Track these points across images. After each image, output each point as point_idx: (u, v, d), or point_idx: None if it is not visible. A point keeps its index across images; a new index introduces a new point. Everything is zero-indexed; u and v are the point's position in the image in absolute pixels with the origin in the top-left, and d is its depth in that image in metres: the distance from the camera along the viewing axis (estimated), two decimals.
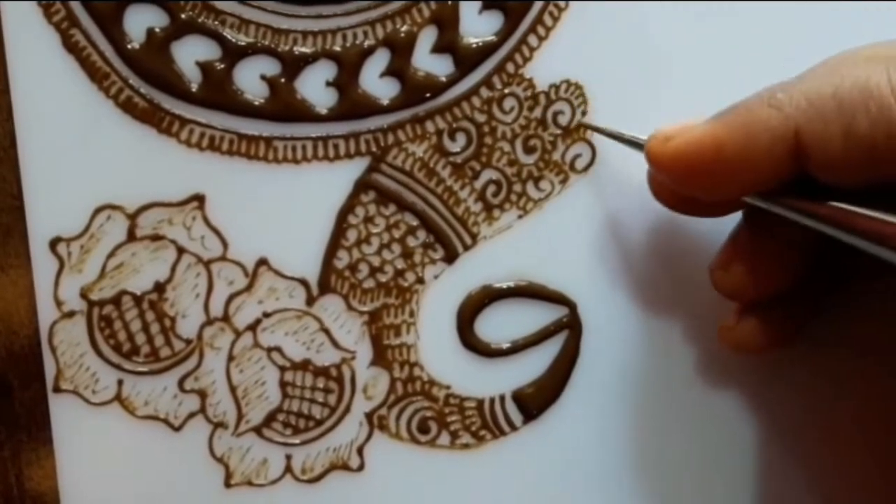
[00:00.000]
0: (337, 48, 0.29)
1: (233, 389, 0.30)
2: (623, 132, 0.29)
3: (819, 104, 0.24)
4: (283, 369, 0.30)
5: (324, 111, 0.29)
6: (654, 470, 0.31)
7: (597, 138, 0.30)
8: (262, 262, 0.30)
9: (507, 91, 0.29)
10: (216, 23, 0.28)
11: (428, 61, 0.29)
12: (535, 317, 0.31)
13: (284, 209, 0.29)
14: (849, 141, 0.23)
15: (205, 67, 0.28)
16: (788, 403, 0.31)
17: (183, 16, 0.28)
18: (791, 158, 0.24)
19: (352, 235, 0.30)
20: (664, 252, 0.31)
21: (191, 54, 0.28)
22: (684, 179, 0.26)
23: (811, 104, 0.24)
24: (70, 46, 0.28)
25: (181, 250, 0.29)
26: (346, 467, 0.31)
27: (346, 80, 0.29)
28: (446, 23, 0.29)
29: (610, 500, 0.31)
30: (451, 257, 0.30)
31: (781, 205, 0.25)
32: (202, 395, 0.30)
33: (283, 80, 0.29)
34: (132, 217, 0.29)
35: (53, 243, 0.29)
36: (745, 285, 0.28)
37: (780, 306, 0.28)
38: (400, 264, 0.30)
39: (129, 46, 0.28)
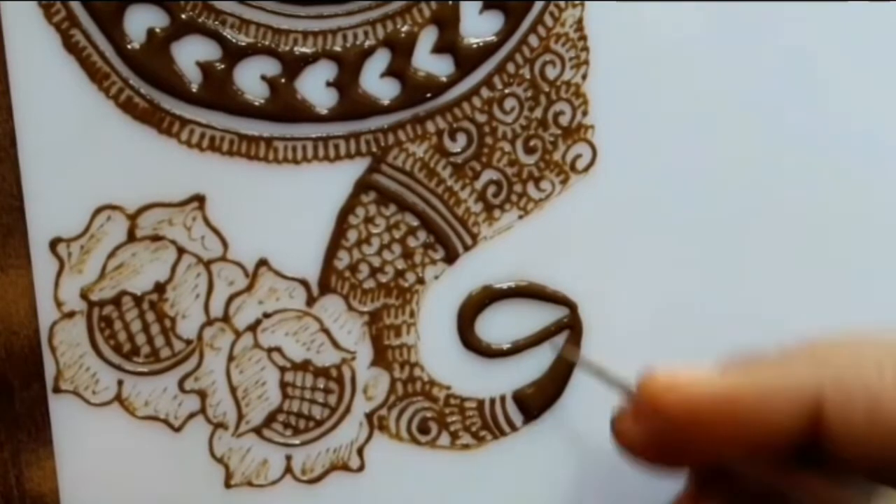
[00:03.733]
0: (337, 48, 0.29)
1: (233, 390, 0.30)
2: (609, 371, 0.28)
3: (845, 376, 0.22)
4: (283, 370, 0.30)
5: (324, 111, 0.29)
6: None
7: (598, 139, 0.30)
8: (263, 262, 0.30)
9: (507, 91, 0.29)
10: (216, 23, 0.28)
11: (428, 61, 0.29)
12: (536, 317, 0.31)
13: (285, 209, 0.29)
14: (871, 424, 0.22)
15: (205, 68, 0.28)
16: None
17: (183, 16, 0.28)
18: (807, 429, 0.22)
19: (352, 236, 0.30)
20: (665, 252, 0.31)
21: (191, 54, 0.28)
22: (688, 435, 0.24)
23: (838, 381, 0.22)
24: (70, 46, 0.28)
25: (181, 251, 0.29)
26: (346, 468, 0.31)
27: (346, 81, 0.29)
28: (447, 23, 0.29)
29: (610, 499, 0.31)
30: (451, 258, 0.30)
31: (791, 482, 0.24)
32: (202, 395, 0.30)
33: (283, 80, 0.29)
34: (132, 217, 0.29)
35: (53, 244, 0.29)
36: None
37: None
38: (400, 265, 0.30)
39: (129, 46, 0.28)
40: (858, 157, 0.31)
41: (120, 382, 0.30)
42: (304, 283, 0.30)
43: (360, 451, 0.31)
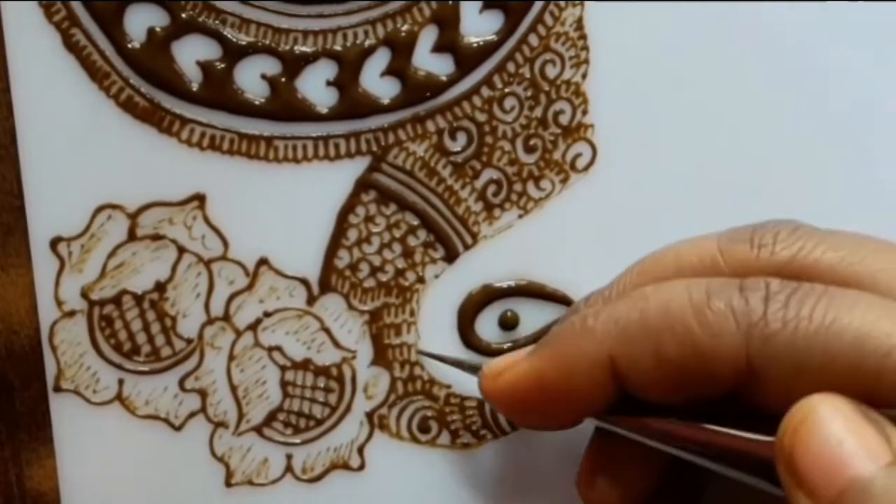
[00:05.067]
0: (337, 47, 0.29)
1: (233, 389, 0.30)
2: (463, 359, 0.30)
3: (627, 329, 0.24)
4: (283, 369, 0.30)
5: (324, 110, 0.29)
6: None
7: (598, 139, 0.30)
8: (263, 261, 0.30)
9: (507, 90, 0.29)
10: (217, 22, 0.28)
11: (429, 61, 0.29)
12: (536, 316, 0.31)
13: (285, 208, 0.29)
14: (659, 363, 0.24)
15: (205, 67, 0.28)
16: None
17: (183, 15, 0.28)
18: (611, 381, 0.25)
19: (352, 235, 0.30)
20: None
21: (191, 54, 0.28)
22: (517, 414, 0.27)
23: (620, 329, 0.24)
24: (70, 46, 0.28)
25: (182, 250, 0.29)
26: (346, 467, 0.31)
27: (346, 80, 0.29)
28: (447, 22, 0.29)
29: None
30: (451, 257, 0.30)
31: (612, 423, 0.26)
32: (203, 394, 0.30)
33: (283, 79, 0.29)
34: (133, 216, 0.29)
35: (54, 243, 0.29)
36: (613, 497, 0.27)
37: None
38: (400, 264, 0.30)
39: (129, 46, 0.28)
40: (860, 157, 0.31)
41: (120, 381, 0.30)
42: (305, 282, 0.30)
43: (360, 450, 0.31)
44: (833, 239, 0.25)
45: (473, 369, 0.29)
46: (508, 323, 0.31)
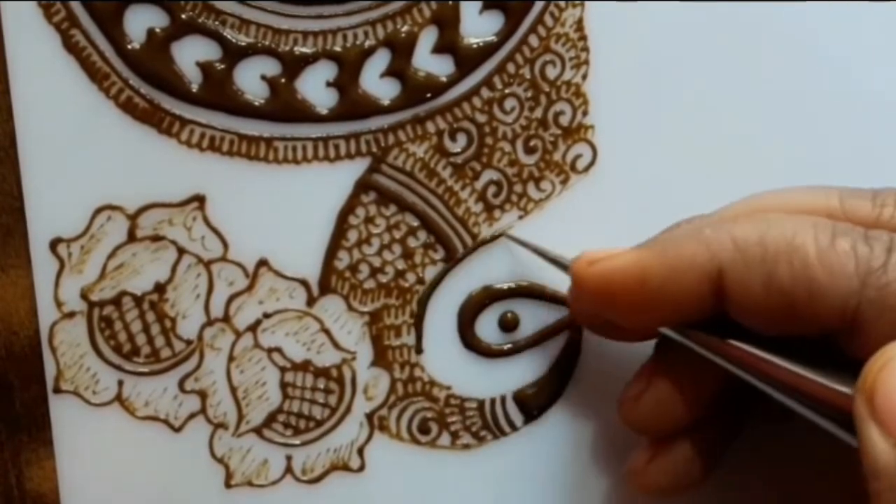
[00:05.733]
0: (337, 48, 0.29)
1: (233, 390, 0.30)
2: (548, 250, 0.29)
3: (745, 249, 0.24)
4: (283, 370, 0.30)
5: (324, 111, 0.29)
6: None
7: (598, 139, 0.30)
8: (263, 262, 0.30)
9: (507, 91, 0.29)
10: (216, 23, 0.28)
11: (428, 61, 0.29)
12: (536, 317, 0.31)
13: (285, 210, 0.29)
14: (769, 290, 0.24)
15: (205, 67, 0.28)
16: None
17: (183, 16, 0.28)
18: (713, 296, 0.25)
19: (352, 236, 0.30)
20: None
21: (191, 54, 0.28)
22: (606, 304, 0.27)
23: (737, 247, 0.24)
24: (70, 47, 0.28)
25: (181, 251, 0.29)
26: (346, 468, 0.31)
27: (346, 81, 0.29)
28: (447, 23, 0.29)
29: (610, 499, 0.31)
30: (451, 258, 0.30)
31: (694, 340, 0.26)
32: (203, 395, 0.30)
33: (283, 80, 0.29)
34: (132, 217, 0.29)
35: (54, 244, 0.29)
36: (655, 418, 0.28)
37: (690, 442, 0.28)
38: (400, 265, 0.30)
39: (129, 46, 0.28)
40: (862, 157, 0.31)
41: (120, 383, 0.30)
42: (305, 283, 0.30)
43: (360, 451, 0.31)
44: None
45: (562, 265, 0.28)
46: (508, 324, 0.31)
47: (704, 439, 0.28)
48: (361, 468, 0.31)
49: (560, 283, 0.31)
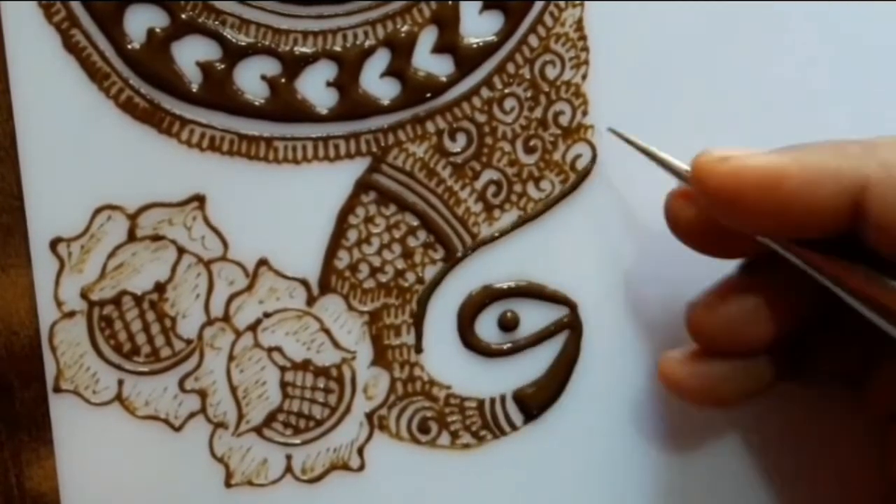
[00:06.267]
0: (337, 48, 0.29)
1: (233, 389, 0.30)
2: (656, 151, 0.28)
3: (892, 168, 0.23)
4: (283, 369, 0.30)
5: (324, 111, 0.29)
6: (654, 470, 0.31)
7: (598, 139, 0.30)
8: (263, 262, 0.30)
9: (507, 91, 0.29)
10: (216, 23, 0.28)
11: (428, 61, 0.29)
12: (536, 317, 0.31)
13: (285, 209, 0.29)
14: None
15: (205, 67, 0.28)
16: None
17: (183, 16, 0.28)
18: (849, 213, 0.23)
19: (352, 235, 0.30)
20: (665, 252, 0.31)
21: (191, 54, 0.28)
22: (731, 206, 0.24)
23: (885, 168, 0.23)
24: (70, 46, 0.28)
25: (181, 250, 0.29)
26: (346, 467, 0.31)
27: (346, 81, 0.29)
28: (447, 23, 0.29)
29: (610, 499, 0.31)
30: (451, 257, 0.30)
31: (804, 258, 0.24)
32: (202, 395, 0.30)
33: (283, 80, 0.29)
34: (132, 217, 0.29)
35: (54, 243, 0.29)
36: (726, 331, 0.26)
37: (754, 360, 0.27)
38: (400, 264, 0.30)
39: (129, 46, 0.28)
40: None
41: (120, 382, 0.30)
42: (305, 282, 0.30)
43: (360, 451, 0.31)
44: None
45: (673, 170, 0.27)
46: (508, 324, 0.31)
47: (770, 359, 0.27)
48: (361, 468, 0.31)
49: (560, 282, 0.31)
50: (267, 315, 0.30)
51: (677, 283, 0.31)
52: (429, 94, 0.29)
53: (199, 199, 0.29)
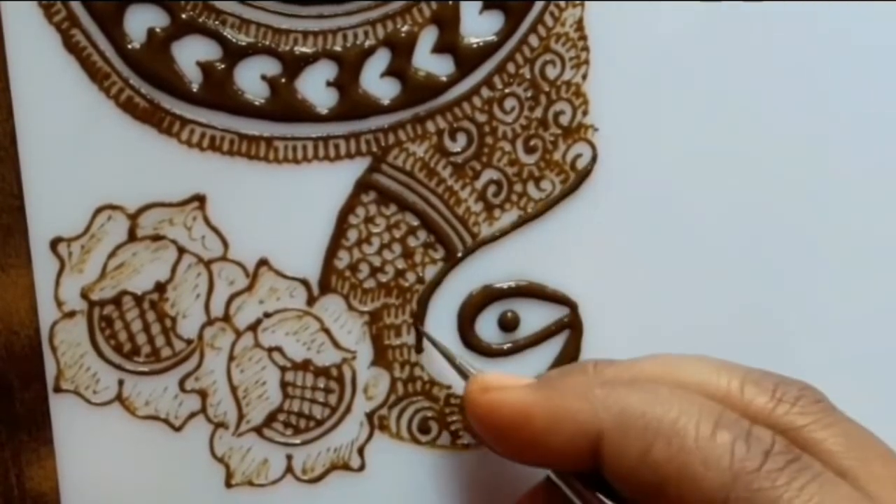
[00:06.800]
0: (337, 48, 0.29)
1: (233, 389, 0.30)
2: (456, 357, 0.29)
3: (628, 419, 0.24)
4: (283, 369, 0.30)
5: (324, 111, 0.29)
6: None
7: (598, 139, 0.30)
8: (263, 262, 0.30)
9: (507, 91, 0.29)
10: (217, 23, 0.28)
11: (429, 61, 0.29)
12: (536, 317, 0.31)
13: (285, 209, 0.29)
14: (643, 463, 0.24)
15: (205, 67, 0.28)
16: None
17: (183, 16, 0.28)
18: (589, 454, 0.25)
19: (352, 235, 0.30)
20: (665, 252, 0.31)
21: (191, 54, 0.28)
22: (486, 434, 0.27)
23: (621, 414, 0.25)
24: (70, 46, 0.28)
25: (182, 250, 0.29)
26: (346, 467, 0.31)
27: (346, 80, 0.29)
28: (447, 23, 0.29)
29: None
30: (451, 257, 0.30)
31: (571, 487, 0.27)
32: (203, 395, 0.30)
33: (283, 80, 0.29)
34: (133, 217, 0.29)
35: (54, 243, 0.29)
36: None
37: None
38: (400, 264, 0.30)
39: (129, 46, 0.28)
40: (861, 156, 0.31)
41: (120, 382, 0.30)
42: (305, 282, 0.30)
43: (360, 451, 0.31)
44: (846, 426, 0.25)
45: (462, 372, 0.29)
46: (509, 324, 0.31)
47: None
48: (361, 468, 0.31)
49: (560, 282, 0.31)
50: (267, 315, 0.30)
51: (677, 282, 0.31)
52: (429, 94, 0.29)
53: (200, 199, 0.29)
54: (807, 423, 0.25)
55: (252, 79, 0.29)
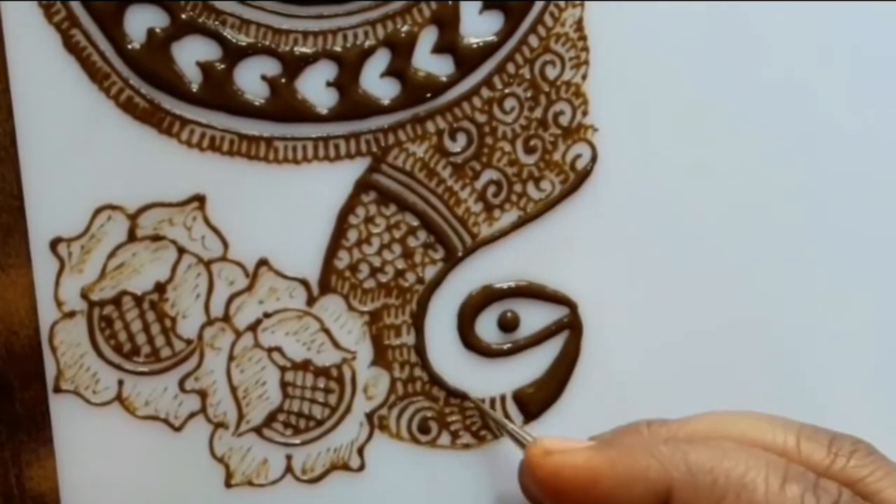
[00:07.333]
0: (337, 48, 0.29)
1: (233, 389, 0.30)
2: (508, 424, 0.30)
3: (696, 474, 0.25)
4: (283, 369, 0.30)
5: (324, 111, 0.29)
6: None
7: (598, 140, 0.30)
8: (263, 262, 0.30)
9: (507, 91, 0.29)
10: (216, 23, 0.28)
11: (428, 61, 0.29)
12: (536, 317, 0.31)
13: (285, 209, 0.29)
14: None
15: (205, 68, 0.28)
16: None
17: (183, 16, 0.28)
18: None
19: (352, 236, 0.30)
20: (665, 251, 0.31)
21: (191, 54, 0.28)
22: (553, 497, 0.27)
23: (689, 470, 0.25)
24: (70, 46, 0.28)
25: (182, 250, 0.29)
26: (346, 467, 0.31)
27: (346, 81, 0.29)
28: (447, 23, 0.29)
29: None
30: (451, 257, 0.30)
31: None
32: (203, 395, 0.30)
33: (283, 80, 0.29)
34: (133, 217, 0.29)
35: (54, 243, 0.29)
36: None
37: None
38: (400, 264, 0.30)
39: (129, 47, 0.28)
40: (859, 158, 0.31)
41: (120, 382, 0.30)
42: (305, 282, 0.30)
43: (360, 451, 0.31)
44: None
45: (517, 439, 0.29)
46: (509, 324, 0.31)
47: None
48: (361, 468, 0.31)
49: (560, 282, 0.31)
50: (267, 315, 0.30)
51: (677, 282, 0.31)
52: (429, 94, 0.29)
53: (199, 199, 0.29)
54: (864, 476, 0.25)
55: (252, 79, 0.29)
